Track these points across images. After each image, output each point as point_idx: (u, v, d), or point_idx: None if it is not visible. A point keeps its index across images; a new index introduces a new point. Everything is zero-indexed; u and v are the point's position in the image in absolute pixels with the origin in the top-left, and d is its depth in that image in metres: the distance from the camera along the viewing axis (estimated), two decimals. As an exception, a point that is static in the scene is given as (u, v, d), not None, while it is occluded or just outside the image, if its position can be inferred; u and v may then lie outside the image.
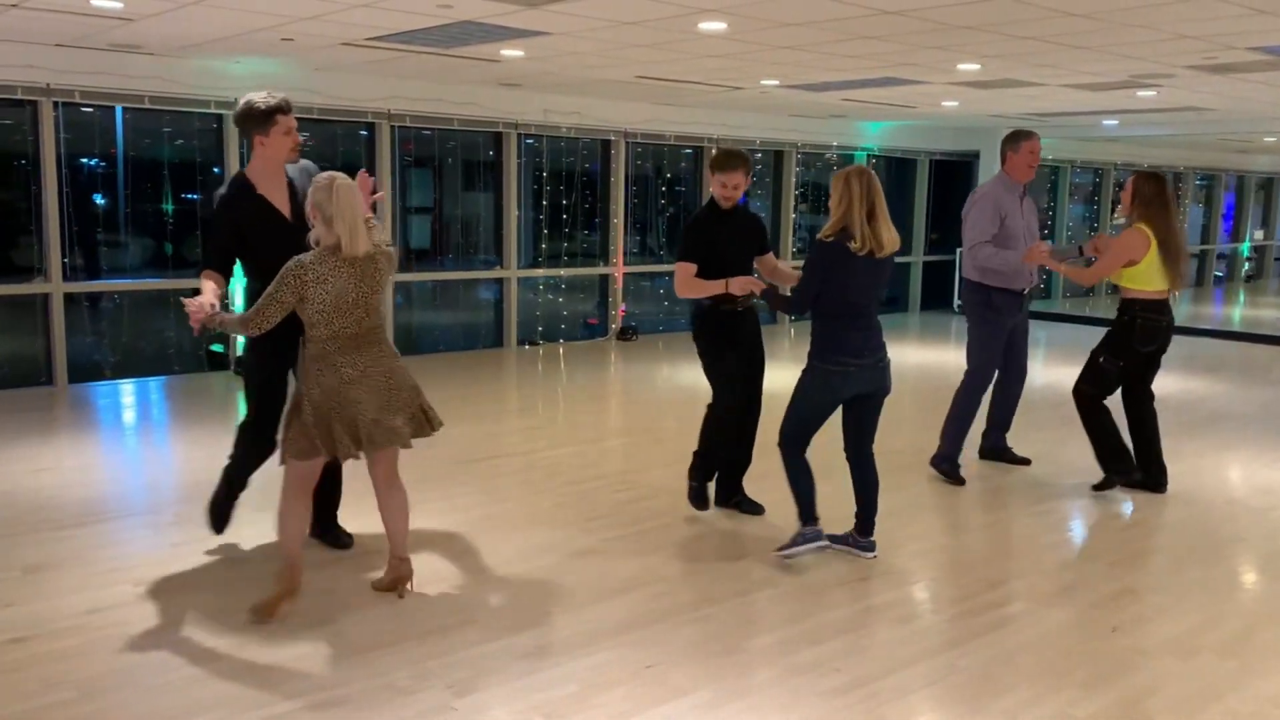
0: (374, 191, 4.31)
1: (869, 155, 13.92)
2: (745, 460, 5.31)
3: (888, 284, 4.60)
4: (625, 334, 11.49)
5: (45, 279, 8.22)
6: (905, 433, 6.96)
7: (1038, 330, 12.85)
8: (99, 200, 8.84)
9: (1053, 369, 10.11)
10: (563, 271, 11.52)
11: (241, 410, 4.72)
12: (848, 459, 4.72)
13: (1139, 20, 5.94)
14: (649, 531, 5.02)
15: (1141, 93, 9.34)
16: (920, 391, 8.85)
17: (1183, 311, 16.00)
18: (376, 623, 3.92)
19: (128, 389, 8.51)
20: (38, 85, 7.87)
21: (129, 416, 7.76)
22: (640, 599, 4.20)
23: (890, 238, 4.37)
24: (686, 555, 4.74)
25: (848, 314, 4.42)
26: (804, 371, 4.56)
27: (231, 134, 8.86)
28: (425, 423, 4.16)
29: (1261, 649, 3.85)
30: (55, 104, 8.04)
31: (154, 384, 8.73)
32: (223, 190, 4.37)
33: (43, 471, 5.92)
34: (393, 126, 9.83)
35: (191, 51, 7.86)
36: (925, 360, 10.62)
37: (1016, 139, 5.87)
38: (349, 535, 4.77)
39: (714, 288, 4.81)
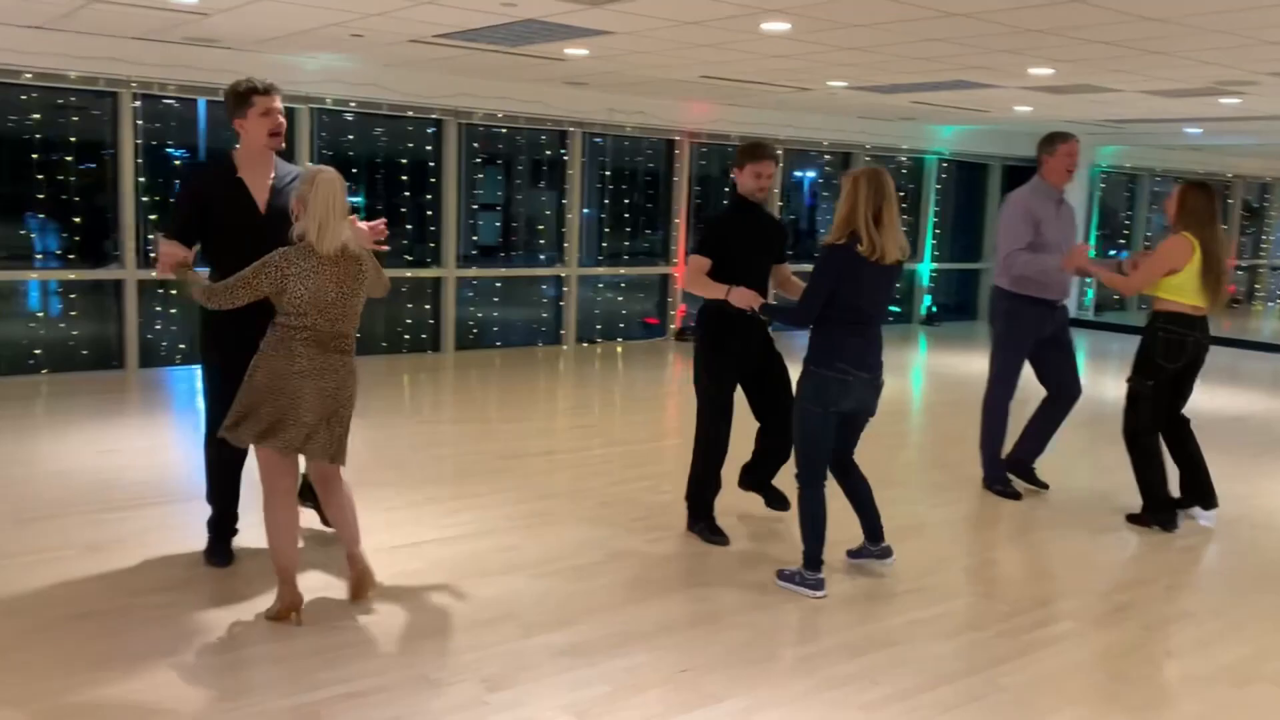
0: (379, 240, 4.14)
1: (939, 159, 13.70)
2: (784, 451, 4.92)
3: (893, 294, 4.33)
4: (684, 334, 11.46)
5: (120, 265, 8.46)
6: (963, 447, 6.83)
7: (1110, 342, 12.55)
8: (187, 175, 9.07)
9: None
10: (621, 270, 11.54)
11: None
12: (833, 474, 4.46)
13: (1216, 25, 5.75)
14: (693, 534, 4.98)
15: (1224, 100, 9.04)
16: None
17: (1269, 328, 15.47)
18: (414, 615, 3.95)
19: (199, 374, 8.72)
20: (119, 77, 8.10)
21: (199, 402, 7.95)
22: (679, 602, 4.18)
23: (895, 245, 4.10)
24: (729, 561, 4.70)
25: (855, 322, 4.18)
26: (800, 380, 4.28)
27: (302, 126, 9.05)
28: (340, 452, 3.90)
29: (1323, 682, 3.70)
30: (135, 95, 8.28)
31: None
32: (204, 163, 4.23)
33: (109, 453, 6.09)
34: (460, 124, 9.93)
35: (266, 46, 8.03)
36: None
37: (1052, 141, 5.56)
38: None
39: (716, 291, 4.52)
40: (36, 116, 8.21)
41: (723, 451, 4.88)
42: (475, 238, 10.89)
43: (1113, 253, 15.60)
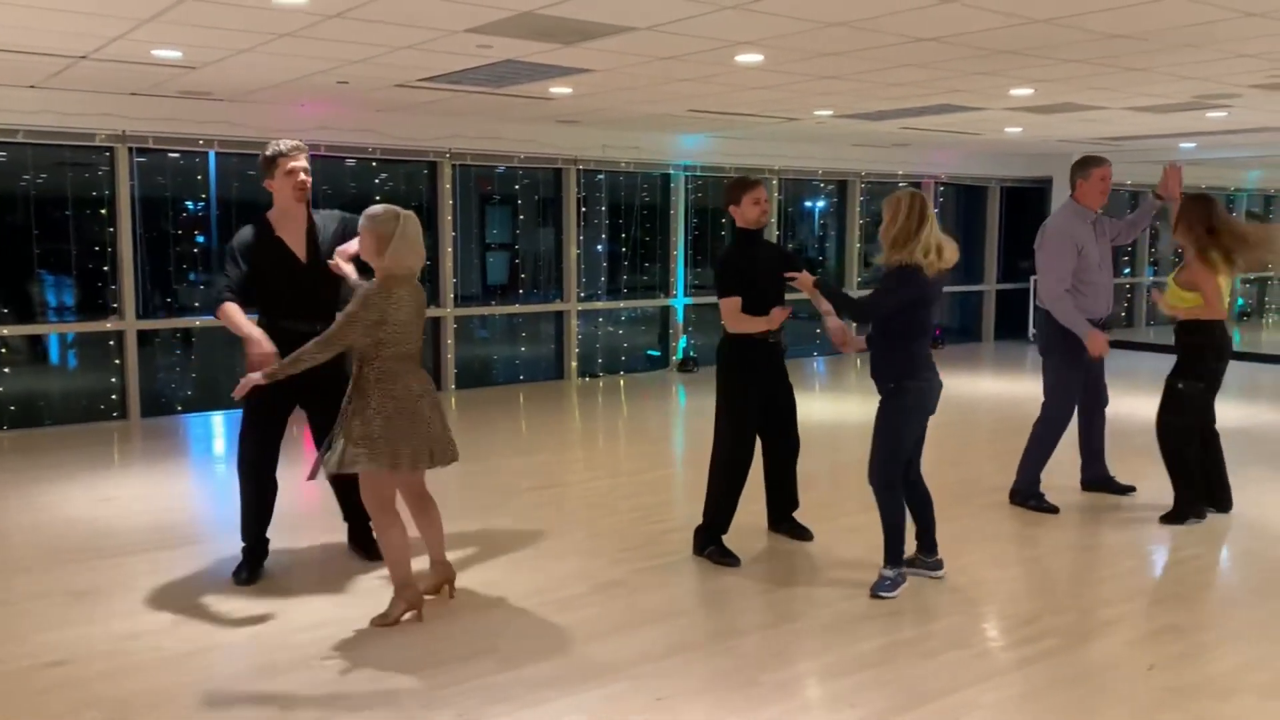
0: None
1: (937, 183, 13.75)
2: (792, 502, 5.34)
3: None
4: (686, 365, 11.49)
5: (119, 317, 8.58)
6: (966, 463, 6.82)
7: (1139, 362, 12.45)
8: (200, 240, 9.26)
9: (1125, 399, 9.77)
10: (621, 304, 11.61)
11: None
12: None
13: (1187, 40, 5.78)
14: (680, 563, 4.99)
15: (1211, 114, 9.06)
16: (989, 423, 8.66)
17: (1267, 339, 15.37)
18: (396, 650, 3.97)
19: (205, 422, 8.80)
20: (114, 132, 8.27)
21: (198, 450, 8.02)
22: (662, 631, 4.18)
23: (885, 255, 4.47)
24: (715, 588, 4.70)
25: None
26: (890, 398, 4.54)
27: (297, 175, 9.18)
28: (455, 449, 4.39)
29: (1307, 691, 3.66)
30: (131, 149, 8.44)
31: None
32: (246, 228, 4.69)
33: (105, 501, 6.15)
34: (454, 165, 10.05)
35: (258, 96, 8.18)
36: (1000, 391, 10.37)
37: (1086, 166, 5.76)
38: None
39: (759, 324, 4.84)
40: (44, 176, 8.40)
41: (742, 475, 4.99)
42: (473, 276, 10.98)
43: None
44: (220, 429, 8.63)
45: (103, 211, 8.55)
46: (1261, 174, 16.85)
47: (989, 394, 10.16)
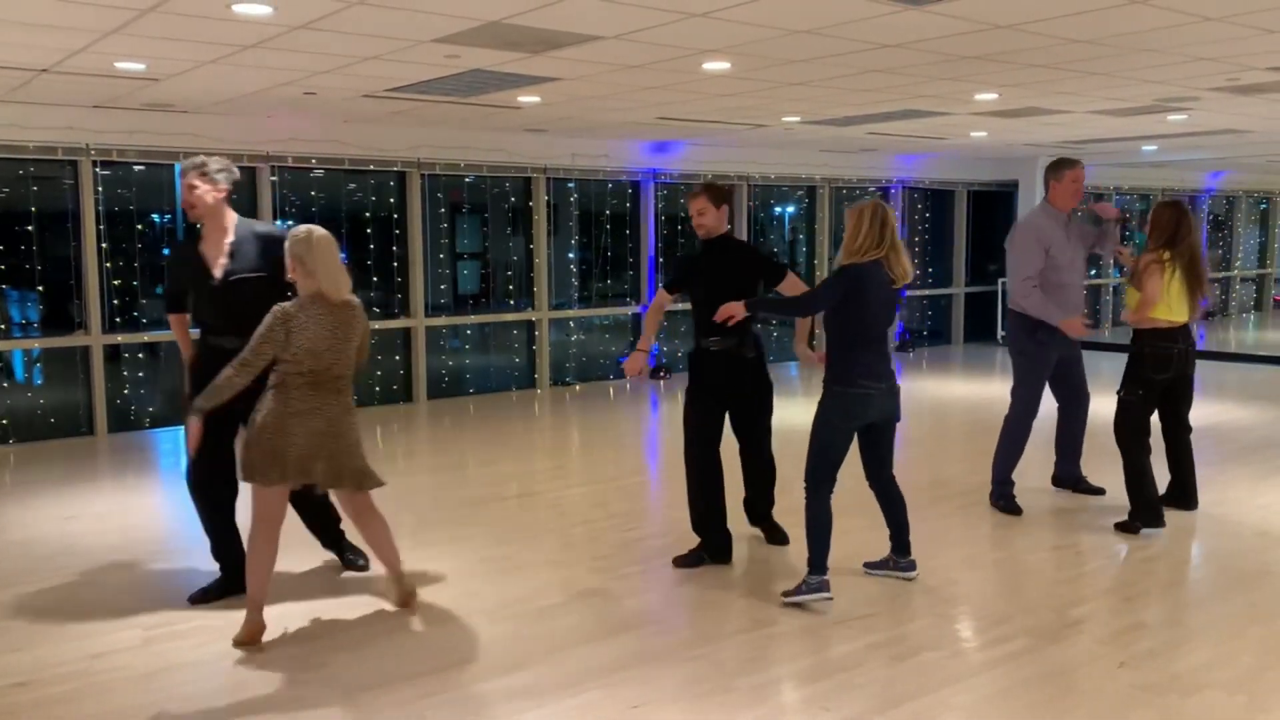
0: None
1: (905, 187, 13.85)
2: (766, 503, 5.36)
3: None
4: (657, 372, 11.51)
5: (85, 332, 8.48)
6: (937, 464, 6.86)
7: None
8: (166, 253, 9.15)
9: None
10: (592, 312, 11.61)
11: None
12: (871, 488, 4.78)
13: (1146, 45, 5.87)
14: (654, 570, 5.00)
15: (1172, 117, 9.19)
16: (960, 425, 8.73)
17: (1239, 339, 15.60)
18: (371, 663, 3.94)
19: (173, 437, 8.70)
20: (77, 145, 8.18)
21: (166, 465, 7.94)
22: (637, 638, 4.18)
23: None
24: (689, 595, 4.71)
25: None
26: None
27: (264, 187, 9.14)
28: (351, 479, 4.23)
29: (1271, 685, 3.71)
30: (94, 162, 8.35)
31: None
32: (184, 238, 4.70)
33: (71, 519, 6.07)
34: (423, 175, 10.02)
35: (223, 108, 8.12)
36: (970, 392, 10.45)
37: (1059, 167, 5.86)
38: (365, 556, 4.94)
39: (647, 335, 5.13)
40: (6, 190, 8.29)
41: (707, 475, 5.00)
42: (444, 286, 10.94)
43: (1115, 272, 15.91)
44: (189, 443, 8.54)
45: (67, 225, 8.46)
46: (1222, 176, 17.12)
47: (960, 396, 10.24)
